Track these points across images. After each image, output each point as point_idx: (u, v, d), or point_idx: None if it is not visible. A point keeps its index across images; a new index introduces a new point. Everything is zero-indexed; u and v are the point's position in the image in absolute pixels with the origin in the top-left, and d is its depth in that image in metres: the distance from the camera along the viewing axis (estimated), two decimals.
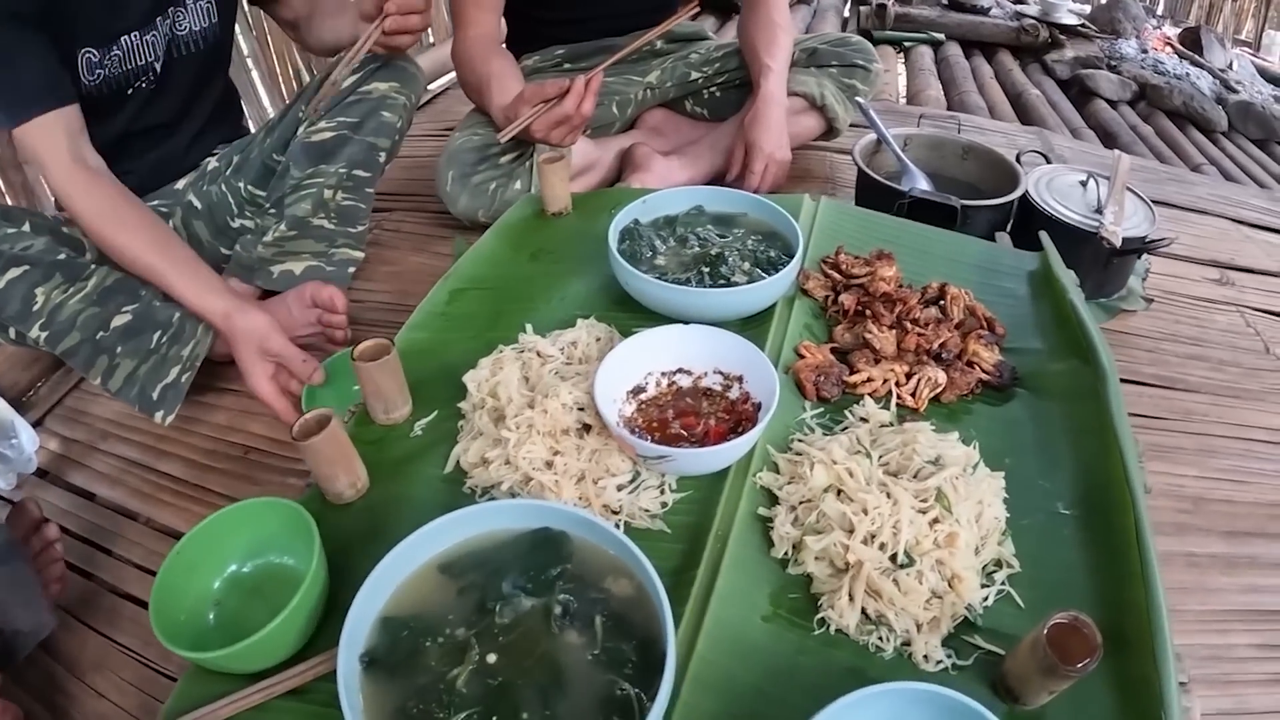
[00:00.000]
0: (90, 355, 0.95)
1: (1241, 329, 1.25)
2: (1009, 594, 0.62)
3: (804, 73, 1.39)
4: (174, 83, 1.10)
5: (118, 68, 1.00)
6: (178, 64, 1.09)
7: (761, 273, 0.84)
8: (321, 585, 0.61)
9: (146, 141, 1.12)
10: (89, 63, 0.97)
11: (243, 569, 0.66)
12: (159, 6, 1.02)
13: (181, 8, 1.06)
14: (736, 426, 0.70)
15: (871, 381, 0.77)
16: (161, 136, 1.14)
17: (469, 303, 0.94)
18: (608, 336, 0.81)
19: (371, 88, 1.16)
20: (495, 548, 0.58)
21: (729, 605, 0.60)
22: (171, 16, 1.04)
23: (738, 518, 0.65)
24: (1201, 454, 1.03)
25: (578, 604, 0.54)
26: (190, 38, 1.09)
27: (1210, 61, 2.58)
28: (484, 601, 0.55)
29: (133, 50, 1.01)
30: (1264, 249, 1.45)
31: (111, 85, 1.01)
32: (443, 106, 1.97)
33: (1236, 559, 0.90)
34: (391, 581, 0.56)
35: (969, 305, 0.87)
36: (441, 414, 0.80)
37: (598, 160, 1.40)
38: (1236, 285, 1.34)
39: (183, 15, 1.06)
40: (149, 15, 1.01)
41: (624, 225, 0.90)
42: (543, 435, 0.67)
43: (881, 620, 0.59)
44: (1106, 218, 1.15)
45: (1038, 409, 0.80)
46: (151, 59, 1.04)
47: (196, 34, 1.09)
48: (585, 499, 0.66)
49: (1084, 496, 0.70)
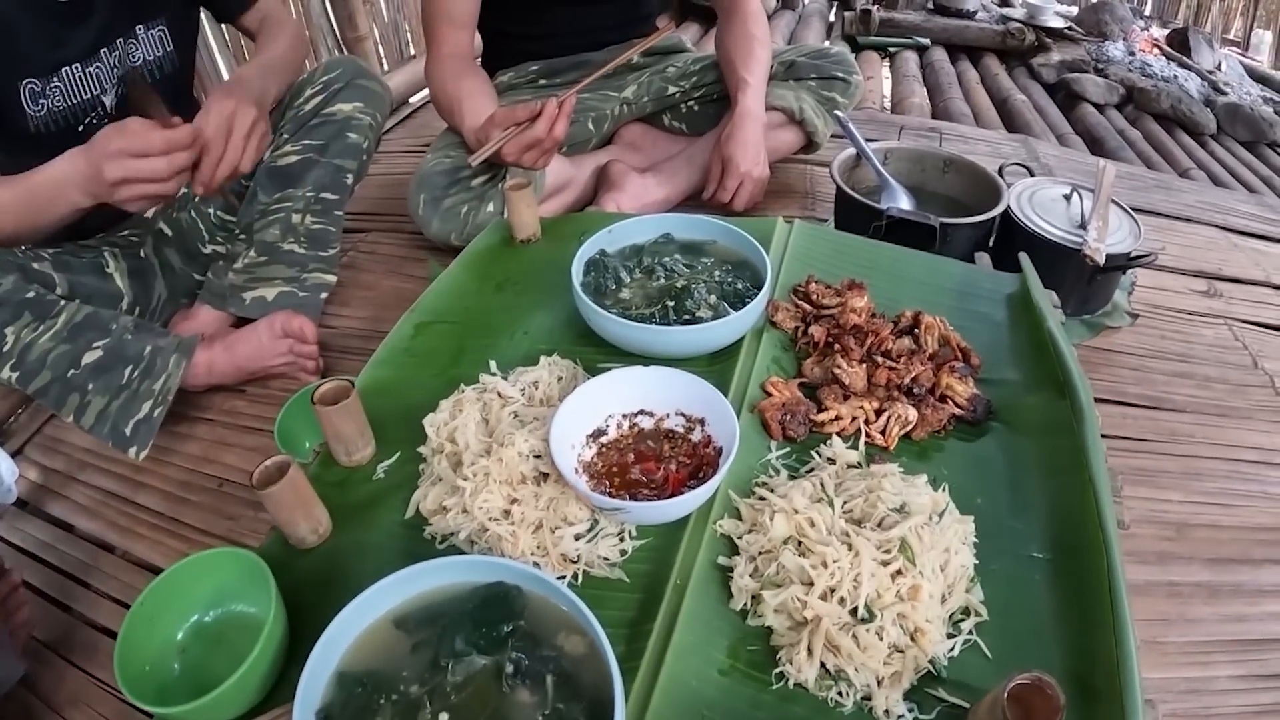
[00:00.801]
0: (61, 394, 0.94)
1: (1229, 342, 1.23)
2: (976, 643, 0.61)
3: (782, 86, 1.37)
4: (131, 116, 1.08)
5: (61, 100, 0.98)
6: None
7: (728, 306, 0.82)
8: (280, 636, 0.61)
9: None
10: (31, 93, 0.95)
11: (205, 618, 0.67)
12: (103, 39, 0.99)
13: (132, 39, 1.03)
14: (697, 471, 0.68)
15: (840, 420, 0.75)
16: None
17: (433, 337, 0.92)
18: (570, 374, 0.79)
19: (335, 109, 1.15)
20: (449, 601, 0.58)
21: (685, 660, 0.58)
22: (121, 49, 1.02)
23: (696, 567, 0.63)
24: (1186, 477, 1.01)
25: (529, 662, 0.53)
26: (145, 69, 1.06)
27: (1198, 63, 2.55)
28: (437, 658, 0.54)
29: (76, 83, 0.98)
30: (1251, 257, 1.42)
31: (58, 119, 0.99)
32: (421, 121, 1.95)
33: (1220, 587, 0.88)
34: (347, 636, 0.56)
35: (943, 334, 0.86)
36: (404, 455, 0.78)
37: (573, 179, 1.38)
38: (1224, 296, 1.32)
39: (135, 47, 1.04)
40: (92, 47, 0.98)
41: (589, 256, 0.88)
42: (499, 484, 0.66)
43: (841, 675, 0.58)
44: (1090, 234, 1.13)
45: (1011, 445, 0.78)
46: (97, 92, 1.01)
47: (151, 64, 1.07)
48: (543, 548, 0.65)
49: (1057, 539, 0.69)
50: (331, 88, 1.15)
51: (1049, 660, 0.59)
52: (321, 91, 1.15)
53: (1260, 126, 2.22)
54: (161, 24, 1.06)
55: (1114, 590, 0.61)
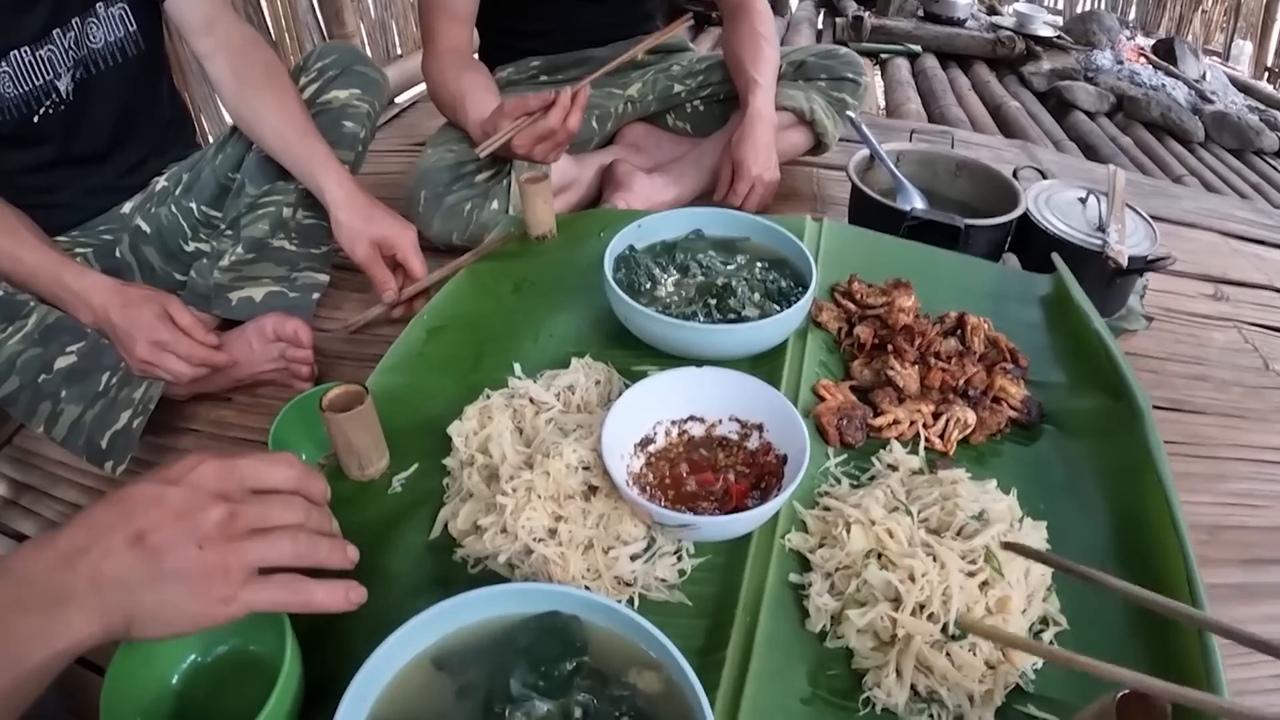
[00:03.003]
0: (31, 402, 0.85)
1: (1240, 345, 1.23)
2: None
3: (792, 86, 1.34)
4: (94, 103, 0.98)
5: (11, 87, 0.89)
6: (96, 82, 0.97)
7: (774, 305, 0.77)
8: (297, 682, 0.52)
9: (76, 171, 1.01)
10: None
11: (204, 659, 0.57)
12: (56, 18, 0.90)
13: (92, 18, 0.94)
14: (759, 482, 0.63)
15: (898, 424, 0.71)
16: (91, 165, 1.02)
17: (448, 342, 0.85)
18: (606, 378, 0.74)
19: (331, 96, 1.08)
20: (496, 636, 0.50)
21: (766, 690, 0.53)
22: (76, 29, 0.92)
23: (768, 586, 0.58)
24: (1213, 479, 1.00)
25: (599, 704, 0.46)
26: (106, 51, 0.97)
27: (1184, 72, 2.62)
28: (490, 704, 0.47)
29: (26, 68, 0.89)
30: (1252, 261, 1.44)
31: (10, 109, 0.89)
32: (411, 121, 1.88)
33: (1255, 588, 0.87)
34: (380, 680, 0.48)
35: (990, 335, 0.82)
36: (422, 467, 0.71)
37: (576, 178, 1.33)
38: (1231, 300, 1.33)
39: (95, 27, 0.94)
40: (44, 28, 0.89)
41: (619, 252, 0.82)
42: (544, 500, 0.59)
43: (934, 697, 0.53)
44: (1110, 236, 1.12)
45: (1067, 448, 0.75)
46: (51, 77, 0.92)
47: (113, 45, 0.97)
48: (594, 571, 0.58)
49: (1127, 544, 0.66)
50: (327, 74, 1.08)
51: (1134, 670, 0.56)
52: (317, 79, 1.08)
53: (1247, 134, 2.28)
54: (123, 1, 0.97)
55: (1195, 595, 0.58)
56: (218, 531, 0.42)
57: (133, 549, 0.40)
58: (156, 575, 0.40)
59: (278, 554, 0.44)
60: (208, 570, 0.41)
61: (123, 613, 0.40)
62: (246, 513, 0.44)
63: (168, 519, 0.41)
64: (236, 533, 0.43)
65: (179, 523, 0.41)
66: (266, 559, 0.44)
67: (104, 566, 0.40)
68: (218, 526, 0.42)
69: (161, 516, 0.41)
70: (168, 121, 1.12)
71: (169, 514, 0.41)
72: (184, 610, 0.41)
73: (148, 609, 0.41)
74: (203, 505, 0.42)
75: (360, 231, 0.98)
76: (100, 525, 0.41)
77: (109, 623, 0.40)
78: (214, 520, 0.42)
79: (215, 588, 0.42)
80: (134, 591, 0.40)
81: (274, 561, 0.44)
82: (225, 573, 0.42)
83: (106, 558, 0.40)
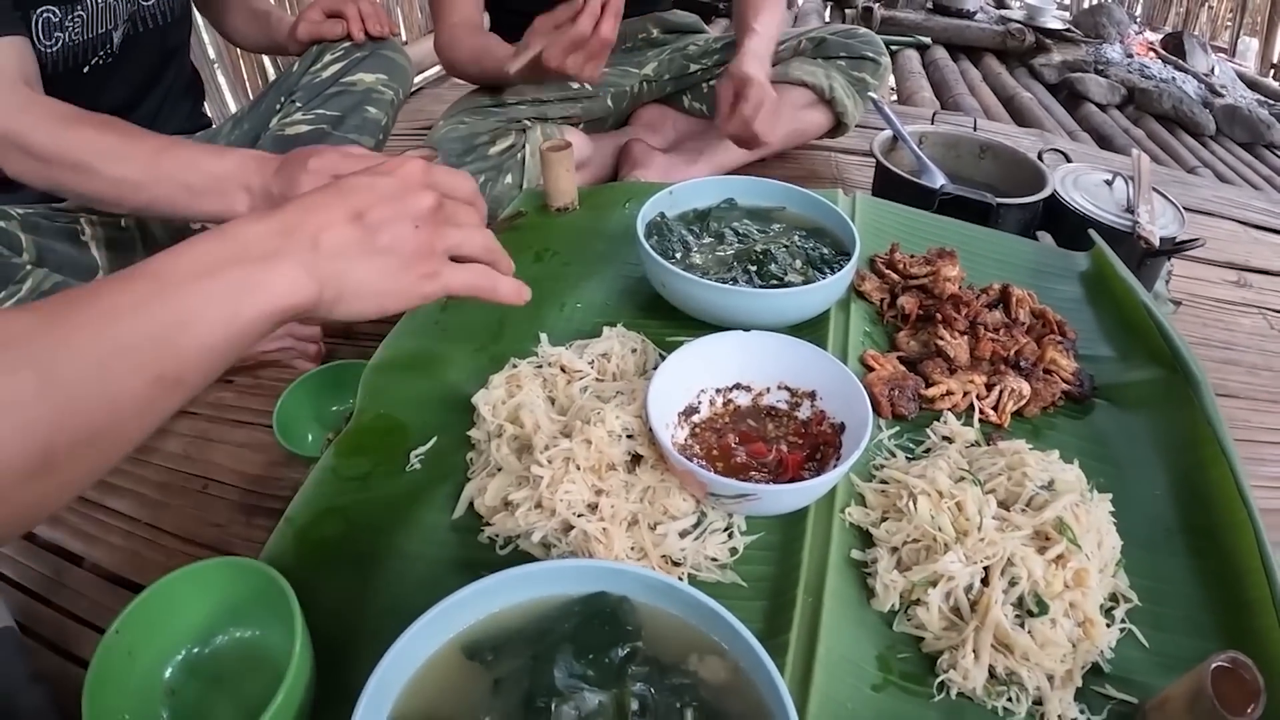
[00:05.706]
0: None
1: (1266, 331, 1.21)
2: (1131, 633, 0.54)
3: (810, 63, 1.30)
4: (133, 60, 0.95)
5: (79, 34, 0.85)
6: (141, 39, 0.95)
7: (816, 272, 0.73)
8: (308, 677, 0.47)
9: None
10: (47, 24, 0.82)
11: (201, 651, 0.52)
12: None
13: None
14: (814, 453, 0.59)
15: (951, 395, 0.67)
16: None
17: (467, 310, 0.80)
18: (641, 347, 0.69)
19: (356, 79, 1.04)
20: (537, 621, 0.45)
21: (836, 677, 0.48)
22: None
23: (830, 565, 0.54)
24: (1251, 463, 0.96)
25: (658, 694, 0.41)
26: (155, 10, 0.95)
27: (1193, 66, 2.61)
28: (532, 698, 0.41)
29: (96, 14, 0.86)
30: (1274, 249, 1.43)
31: (68, 57, 0.86)
32: (416, 106, 1.84)
33: None
34: (404, 672, 0.42)
35: (1035, 308, 0.79)
36: (442, 442, 0.66)
37: (591, 157, 1.28)
38: (1254, 287, 1.31)
39: None
40: None
41: (650, 218, 0.78)
42: (584, 471, 0.55)
43: (1012, 678, 0.49)
44: (1141, 217, 1.09)
45: (1121, 421, 0.72)
46: (110, 27, 0.89)
47: (164, 4, 0.95)
48: (639, 549, 0.54)
49: (1192, 517, 0.63)
50: (353, 55, 1.04)
51: (1208, 647, 0.53)
52: (343, 58, 1.04)
53: (1258, 128, 2.27)
54: None
55: (1268, 569, 0.56)
56: (428, 215, 0.45)
57: (352, 224, 0.42)
58: (371, 249, 0.43)
59: (472, 244, 0.48)
60: (419, 247, 0.44)
61: (336, 280, 0.42)
62: (448, 204, 0.47)
63: (385, 199, 0.44)
64: (441, 220, 0.46)
65: (395, 203, 0.44)
66: (463, 246, 0.47)
67: (323, 237, 0.41)
68: (429, 211, 0.45)
69: (379, 197, 0.44)
70: (185, 88, 1.09)
71: (385, 196, 0.44)
72: (393, 284, 0.44)
73: (361, 279, 0.43)
74: (415, 192, 0.45)
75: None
76: (319, 204, 0.43)
77: (322, 288, 0.41)
78: (426, 205, 0.45)
79: (424, 263, 0.44)
80: (351, 260, 0.42)
81: (468, 251, 0.48)
82: (432, 251, 0.45)
83: (326, 230, 0.42)
